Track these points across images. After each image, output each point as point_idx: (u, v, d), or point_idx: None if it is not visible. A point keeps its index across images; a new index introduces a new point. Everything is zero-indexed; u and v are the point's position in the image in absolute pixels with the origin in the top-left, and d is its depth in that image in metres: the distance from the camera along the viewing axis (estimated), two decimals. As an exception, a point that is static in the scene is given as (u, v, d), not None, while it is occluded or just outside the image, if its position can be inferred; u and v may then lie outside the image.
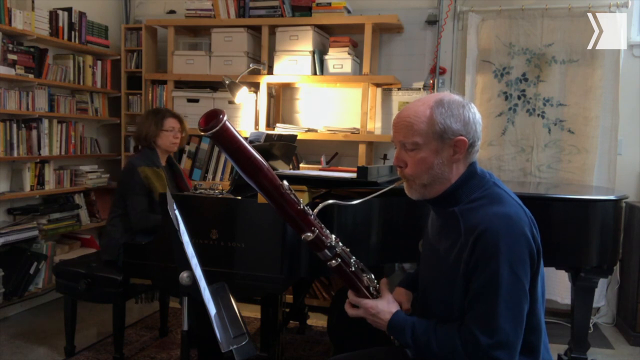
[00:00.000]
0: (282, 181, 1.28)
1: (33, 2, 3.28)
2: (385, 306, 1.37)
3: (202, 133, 1.21)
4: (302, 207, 1.30)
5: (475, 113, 1.33)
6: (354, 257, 1.41)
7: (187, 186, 2.96)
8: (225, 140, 1.23)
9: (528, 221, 1.29)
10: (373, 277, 1.45)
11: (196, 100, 3.78)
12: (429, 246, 1.47)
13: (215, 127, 1.19)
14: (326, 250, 1.33)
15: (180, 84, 3.90)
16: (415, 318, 1.36)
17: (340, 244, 1.37)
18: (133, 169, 2.67)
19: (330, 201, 1.46)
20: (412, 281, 1.62)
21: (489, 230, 1.23)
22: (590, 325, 3.19)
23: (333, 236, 1.35)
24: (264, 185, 1.27)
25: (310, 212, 1.32)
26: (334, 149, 3.75)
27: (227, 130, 1.22)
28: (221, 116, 1.20)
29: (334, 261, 1.34)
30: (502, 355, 1.20)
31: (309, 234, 1.30)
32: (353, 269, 1.37)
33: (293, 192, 1.30)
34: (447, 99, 1.32)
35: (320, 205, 1.41)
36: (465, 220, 1.29)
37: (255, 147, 2.36)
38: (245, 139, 2.38)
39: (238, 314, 1.51)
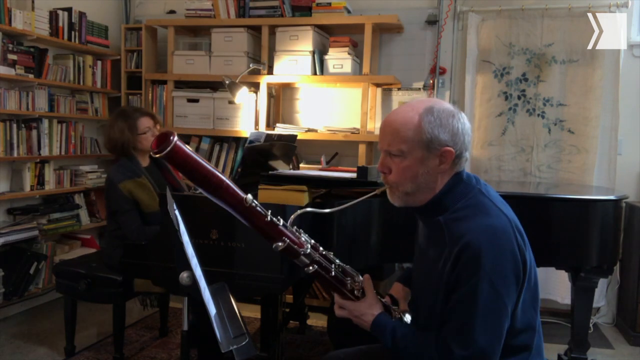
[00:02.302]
0: (246, 195, 1.26)
1: (33, 2, 3.28)
2: (368, 308, 1.39)
3: (155, 156, 1.18)
4: (269, 218, 1.28)
5: (464, 123, 1.31)
6: (337, 261, 1.40)
7: (175, 179, 2.83)
8: (180, 160, 1.19)
9: (513, 232, 1.26)
10: (360, 278, 1.45)
11: (196, 100, 3.78)
12: (420, 249, 1.47)
13: (166, 148, 1.16)
14: (302, 257, 1.32)
15: (180, 84, 3.90)
16: (396, 322, 1.38)
17: (321, 248, 1.37)
18: (114, 187, 2.54)
19: (308, 209, 1.48)
20: (410, 277, 1.63)
21: (471, 244, 1.21)
22: (590, 325, 3.19)
23: (309, 243, 1.35)
24: (227, 201, 1.25)
25: (280, 221, 1.31)
26: (334, 149, 3.74)
27: (179, 151, 1.18)
28: (172, 137, 1.16)
29: (310, 267, 1.34)
30: None
31: (279, 243, 1.29)
32: (333, 273, 1.37)
33: (258, 204, 1.28)
34: (437, 107, 1.29)
35: (295, 215, 1.40)
36: (450, 231, 1.28)
37: (255, 147, 2.37)
38: (245, 139, 2.37)
39: (238, 314, 1.51)
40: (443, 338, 1.24)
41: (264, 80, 3.62)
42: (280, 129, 3.61)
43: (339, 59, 3.53)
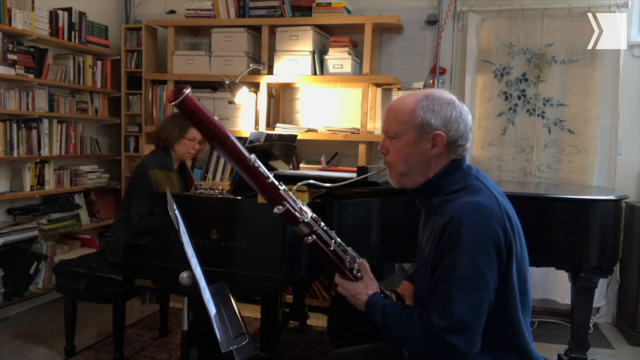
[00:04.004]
0: (250, 154, 1.34)
1: (33, 2, 3.28)
2: (364, 288, 1.42)
3: (170, 104, 1.33)
4: (271, 180, 1.36)
5: (461, 113, 1.36)
6: (338, 239, 1.44)
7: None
8: (190, 112, 1.32)
9: (501, 214, 1.29)
10: (360, 261, 1.48)
11: (196, 100, 3.77)
12: (419, 241, 1.52)
13: (179, 98, 1.29)
14: (301, 225, 1.38)
15: (180, 84, 3.90)
16: (388, 301, 1.41)
17: (322, 224, 1.42)
18: (145, 171, 2.65)
19: (310, 181, 1.54)
20: None
21: (455, 218, 1.26)
22: (590, 325, 3.19)
23: (311, 215, 1.40)
24: (231, 156, 1.35)
25: (282, 187, 1.38)
26: (334, 149, 3.75)
27: (190, 102, 1.31)
28: (185, 90, 1.29)
29: (309, 237, 1.39)
30: (455, 339, 1.21)
31: (279, 206, 1.36)
32: (332, 248, 1.41)
33: (262, 166, 1.36)
34: (434, 95, 1.36)
35: (297, 186, 1.47)
36: (441, 211, 1.33)
37: (255, 147, 2.37)
38: (245, 139, 2.38)
39: (238, 314, 1.51)
40: (425, 311, 1.27)
41: (264, 80, 3.62)
42: (280, 129, 3.61)
43: (339, 59, 3.53)
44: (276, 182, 1.36)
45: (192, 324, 1.65)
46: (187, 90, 1.29)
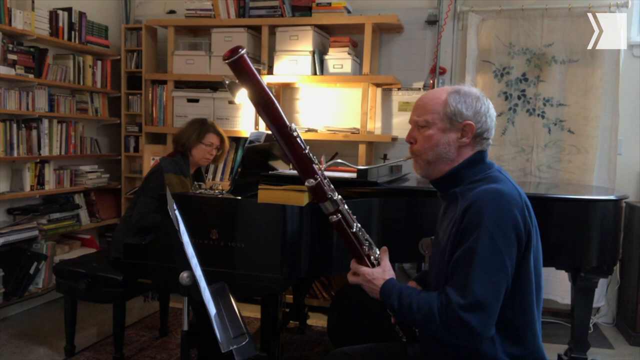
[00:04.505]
0: (291, 124, 1.40)
1: (33, 2, 3.28)
2: (381, 273, 1.44)
3: (225, 61, 1.40)
4: (307, 152, 1.41)
5: (488, 107, 1.43)
6: (359, 225, 1.47)
7: None
8: (242, 71, 1.40)
9: (521, 203, 1.32)
10: (377, 251, 1.50)
11: (196, 100, 3.78)
12: (435, 235, 1.53)
13: (234, 56, 1.38)
14: (329, 202, 1.43)
15: (180, 84, 3.90)
16: (405, 285, 1.43)
17: (346, 207, 1.46)
18: (161, 173, 2.69)
19: (339, 160, 1.58)
20: (425, 277, 1.65)
21: (476, 202, 1.30)
22: (590, 325, 3.19)
23: (339, 196, 1.44)
24: (273, 122, 1.41)
25: (316, 161, 1.43)
26: (334, 149, 3.74)
27: (244, 62, 1.39)
28: (241, 50, 1.38)
29: (334, 216, 1.44)
30: (472, 318, 1.23)
31: (311, 180, 1.41)
32: (354, 230, 1.45)
33: (300, 136, 1.41)
34: (464, 89, 1.43)
35: (328, 163, 1.52)
36: (462, 197, 1.36)
37: (255, 147, 2.37)
38: (245, 139, 2.38)
39: (238, 314, 1.51)
40: (444, 290, 1.29)
41: (264, 80, 3.61)
42: (280, 129, 3.60)
43: (339, 59, 3.53)
44: (313, 157, 1.40)
45: (192, 324, 1.65)
46: (243, 51, 1.36)
